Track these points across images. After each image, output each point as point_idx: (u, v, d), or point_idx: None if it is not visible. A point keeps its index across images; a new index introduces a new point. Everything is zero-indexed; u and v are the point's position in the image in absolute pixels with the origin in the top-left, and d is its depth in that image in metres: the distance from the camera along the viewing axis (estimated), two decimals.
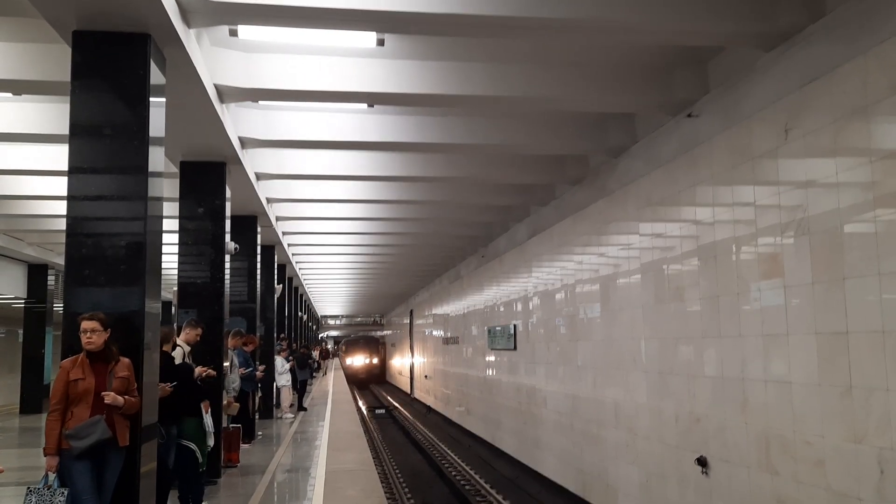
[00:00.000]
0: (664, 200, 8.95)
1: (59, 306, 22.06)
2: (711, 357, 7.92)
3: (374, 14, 5.97)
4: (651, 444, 9.34)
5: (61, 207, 13.07)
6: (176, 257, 9.22)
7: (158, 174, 5.65)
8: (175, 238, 9.13)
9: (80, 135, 5.33)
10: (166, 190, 6.29)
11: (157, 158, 5.65)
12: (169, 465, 6.65)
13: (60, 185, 11.28)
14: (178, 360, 7.12)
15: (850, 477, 5.80)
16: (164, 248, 6.06)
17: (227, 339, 9.69)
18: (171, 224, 8.41)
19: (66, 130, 5.39)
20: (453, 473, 17.41)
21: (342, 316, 67.72)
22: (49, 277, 20.46)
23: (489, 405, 19.32)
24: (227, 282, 9.35)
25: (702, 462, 7.97)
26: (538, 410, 14.50)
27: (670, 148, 8.78)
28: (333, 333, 73.62)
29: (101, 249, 5.27)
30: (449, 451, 20.47)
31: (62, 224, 5.47)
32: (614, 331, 10.55)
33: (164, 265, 6.06)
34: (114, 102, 5.35)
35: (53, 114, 8.30)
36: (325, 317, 65.43)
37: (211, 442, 7.19)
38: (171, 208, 9.07)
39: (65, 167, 5.31)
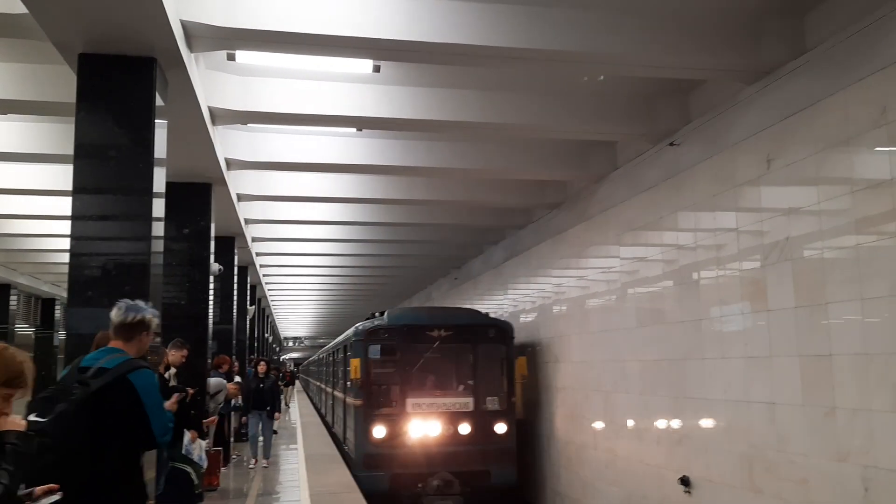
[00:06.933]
0: (646, 225, 9.17)
1: (20, 328, 21.61)
2: (694, 379, 8.09)
3: (374, 42, 6.10)
4: (632, 465, 9.47)
5: (30, 227, 12.91)
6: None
7: (161, 195, 5.67)
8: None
9: (84, 156, 5.32)
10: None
11: (160, 179, 5.67)
12: (160, 488, 6.56)
13: (27, 205, 11.05)
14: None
15: (835, 495, 5.99)
16: None
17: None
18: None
19: (59, 150, 5.37)
20: None
21: (304, 338, 66.42)
22: (11, 299, 20.04)
23: None
24: (210, 303, 9.29)
25: (685, 482, 8.13)
26: None
27: (652, 175, 9.02)
28: (294, 355, 72.33)
29: (105, 270, 5.25)
30: None
31: (28, 244, 5.45)
32: (595, 353, 10.70)
33: None
34: (120, 124, 5.38)
35: (47, 133, 8.19)
36: (287, 338, 64.34)
37: (204, 465, 7.12)
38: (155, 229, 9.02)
39: (55, 187, 5.30)
